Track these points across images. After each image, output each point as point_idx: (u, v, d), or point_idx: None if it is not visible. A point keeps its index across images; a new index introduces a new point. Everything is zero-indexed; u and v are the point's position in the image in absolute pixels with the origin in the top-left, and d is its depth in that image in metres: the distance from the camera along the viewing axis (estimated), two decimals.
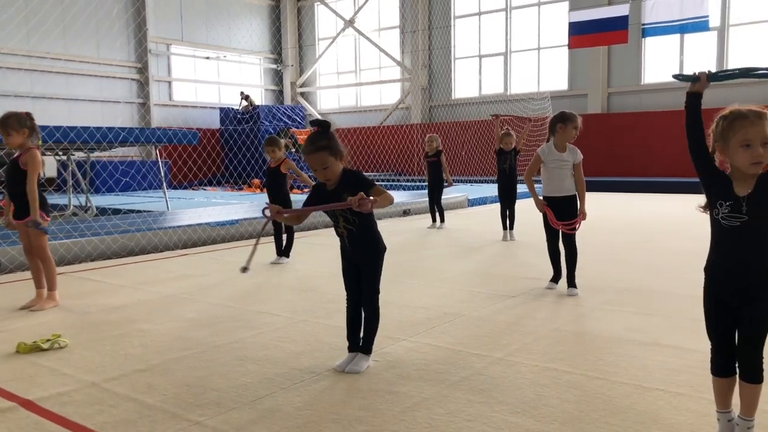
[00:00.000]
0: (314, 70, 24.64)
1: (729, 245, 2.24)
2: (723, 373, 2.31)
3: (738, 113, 2.21)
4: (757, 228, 2.18)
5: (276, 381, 3.14)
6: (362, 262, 3.28)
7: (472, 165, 18.33)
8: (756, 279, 2.20)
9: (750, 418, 2.28)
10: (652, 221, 9.53)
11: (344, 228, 3.22)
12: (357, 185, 3.09)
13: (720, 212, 2.23)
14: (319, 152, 3.09)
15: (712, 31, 16.16)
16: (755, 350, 2.23)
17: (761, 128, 2.16)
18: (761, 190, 2.18)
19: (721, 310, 2.28)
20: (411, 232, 8.90)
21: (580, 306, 4.55)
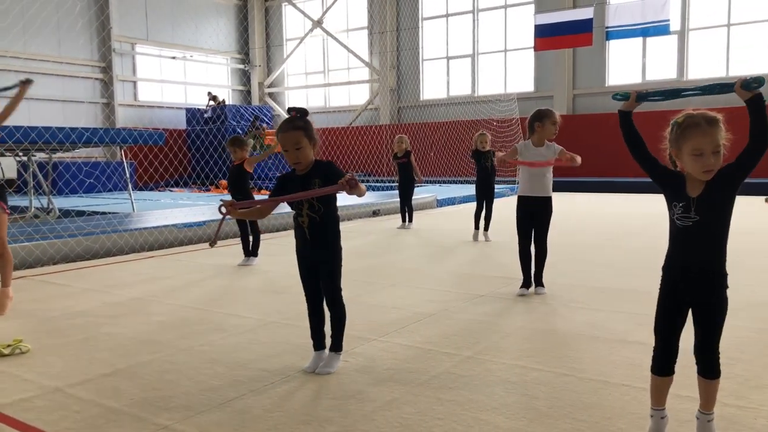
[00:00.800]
0: (282, 70, 24.50)
1: (683, 244, 2.27)
2: (664, 373, 2.36)
3: (690, 121, 2.22)
4: (708, 228, 2.22)
5: (245, 383, 3.11)
6: (321, 259, 3.20)
7: (441, 166, 18.44)
8: (710, 277, 2.25)
9: (710, 412, 2.34)
10: (617, 220, 9.71)
11: (307, 216, 3.14)
12: (329, 174, 3.09)
13: (674, 212, 2.27)
14: (295, 131, 3.09)
15: (672, 35, 16.55)
16: (712, 347, 2.28)
17: (712, 137, 2.18)
18: (712, 191, 2.21)
19: (675, 309, 2.31)
20: (381, 233, 8.90)
21: (547, 304, 4.61)
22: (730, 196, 2.24)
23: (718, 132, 2.19)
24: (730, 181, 2.21)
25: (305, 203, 3.14)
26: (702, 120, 2.20)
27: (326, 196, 3.14)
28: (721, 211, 2.23)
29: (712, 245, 2.24)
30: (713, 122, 2.20)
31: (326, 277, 3.24)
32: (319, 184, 3.10)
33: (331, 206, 3.20)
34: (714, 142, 2.18)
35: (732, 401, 2.76)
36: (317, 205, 3.14)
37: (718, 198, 2.22)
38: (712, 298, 2.25)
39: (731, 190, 2.23)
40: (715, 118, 2.21)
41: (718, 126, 2.20)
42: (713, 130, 2.19)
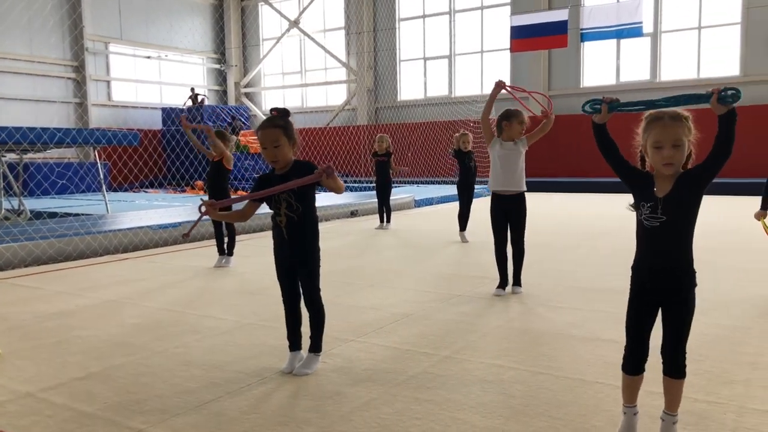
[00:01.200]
0: (259, 70, 24.35)
1: (650, 245, 2.29)
2: (635, 372, 2.37)
3: (655, 115, 2.28)
4: (676, 228, 2.24)
5: (222, 385, 3.09)
6: (300, 259, 3.18)
7: (419, 166, 18.48)
8: (678, 276, 2.27)
9: (674, 413, 2.35)
10: (593, 220, 9.83)
11: (285, 215, 3.12)
12: (309, 173, 3.07)
13: (642, 213, 2.30)
14: (274, 128, 3.09)
15: (646, 37, 16.80)
16: (679, 347, 2.29)
17: (674, 130, 2.22)
18: (678, 190, 2.24)
19: (644, 309, 2.33)
20: (359, 233, 8.90)
21: (524, 304, 4.65)
22: (697, 197, 2.26)
23: (680, 127, 2.24)
24: (696, 181, 2.25)
25: (283, 202, 3.13)
26: (666, 115, 2.26)
27: (305, 196, 3.13)
28: (688, 211, 2.26)
29: (678, 245, 2.26)
30: (676, 118, 2.25)
31: (305, 277, 3.23)
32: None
33: (310, 206, 3.18)
34: (674, 135, 2.22)
35: (702, 397, 2.82)
36: (295, 205, 3.12)
37: (685, 197, 2.24)
38: (680, 298, 2.27)
39: (697, 191, 2.26)
40: (679, 114, 2.27)
41: (681, 122, 2.25)
42: (675, 124, 2.23)
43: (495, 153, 4.86)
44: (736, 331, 3.83)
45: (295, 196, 3.10)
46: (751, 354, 3.40)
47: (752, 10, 15.86)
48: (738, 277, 5.40)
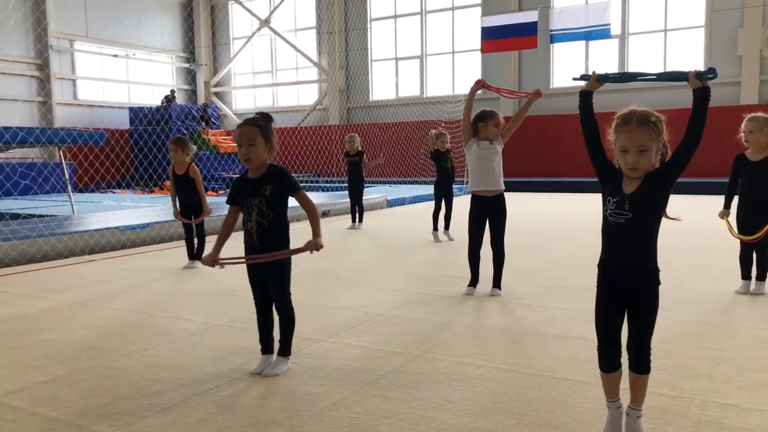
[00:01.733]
0: (229, 69, 24.12)
1: (615, 242, 2.31)
2: (609, 369, 2.38)
3: (624, 118, 2.26)
4: (641, 225, 2.25)
5: (190, 387, 3.05)
6: (270, 266, 3.16)
7: (391, 166, 18.50)
8: (643, 273, 2.28)
9: (639, 408, 2.38)
10: (564, 220, 9.96)
11: (256, 222, 3.12)
12: (283, 182, 3.10)
13: (608, 208, 2.31)
14: (252, 127, 3.11)
15: (614, 39, 17.07)
16: (643, 343, 2.32)
17: (640, 135, 2.20)
18: (647, 187, 2.24)
19: (611, 306, 2.34)
20: (331, 233, 8.87)
21: (494, 302, 4.69)
22: (664, 194, 2.28)
23: (647, 132, 2.22)
24: (665, 178, 2.26)
25: (255, 209, 3.12)
26: (634, 119, 2.23)
27: (277, 202, 3.11)
28: (654, 208, 2.27)
29: (643, 242, 2.28)
30: (644, 122, 2.22)
31: (275, 283, 3.21)
32: (270, 190, 3.08)
33: (281, 213, 3.17)
34: (639, 141, 2.21)
35: (666, 392, 2.87)
36: (267, 211, 3.11)
37: (654, 194, 2.25)
38: (644, 295, 2.29)
39: (665, 188, 2.27)
40: (648, 118, 2.23)
41: (649, 127, 2.22)
42: (642, 130, 2.21)
43: (472, 154, 4.84)
44: (699, 327, 3.92)
45: (266, 203, 3.09)
46: (714, 349, 3.47)
47: (715, 14, 16.23)
48: (702, 274, 5.52)
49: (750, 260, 4.78)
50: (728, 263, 5.52)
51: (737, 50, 16.01)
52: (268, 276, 3.20)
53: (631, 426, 2.38)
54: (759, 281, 4.75)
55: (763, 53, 15.73)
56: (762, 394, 2.83)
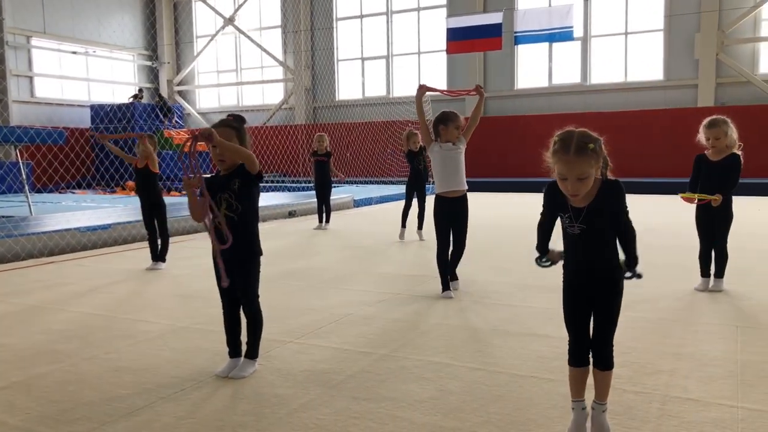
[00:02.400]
0: (192, 68, 23.77)
1: (574, 249, 2.41)
2: (578, 363, 2.46)
3: (562, 145, 2.26)
4: (595, 234, 2.34)
5: (154, 391, 3.00)
6: (239, 262, 3.11)
7: (358, 166, 18.49)
8: (601, 277, 2.39)
9: (603, 402, 2.47)
10: (528, 219, 10.07)
11: (225, 215, 3.07)
12: (248, 174, 3.08)
13: (564, 222, 2.41)
14: (228, 128, 3.12)
15: (576, 41, 17.36)
16: (606, 341, 2.42)
17: (578, 165, 2.22)
18: (597, 202, 2.31)
19: (576, 306, 2.44)
20: (298, 234, 8.82)
21: (461, 300, 4.72)
22: (611, 210, 2.34)
23: (585, 161, 2.22)
24: (608, 204, 2.32)
25: (223, 202, 3.08)
26: (572, 148, 2.23)
27: (246, 196, 3.07)
28: (606, 219, 2.35)
29: (600, 249, 2.37)
30: (582, 151, 2.22)
31: (242, 285, 3.17)
32: (239, 183, 3.07)
33: (250, 207, 3.13)
34: (577, 171, 2.23)
35: (629, 387, 2.93)
36: (235, 204, 3.07)
37: (601, 204, 2.32)
38: (606, 297, 2.39)
39: (609, 209, 2.34)
40: (585, 146, 2.22)
41: (587, 154, 2.22)
42: (580, 159, 2.22)
43: (435, 156, 4.86)
44: (661, 324, 4.01)
45: (235, 196, 3.07)
46: (675, 345, 3.55)
47: (673, 18, 16.64)
48: (663, 272, 5.65)
49: (709, 258, 4.91)
50: (687, 261, 5.65)
51: (695, 54, 16.44)
52: (236, 278, 3.16)
53: (597, 420, 2.46)
54: (717, 278, 4.88)
55: (719, 57, 16.18)
56: (720, 388, 2.91)
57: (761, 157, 14.17)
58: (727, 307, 4.42)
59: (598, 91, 17.78)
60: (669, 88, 16.90)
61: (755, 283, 5.11)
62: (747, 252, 6.47)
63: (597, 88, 17.82)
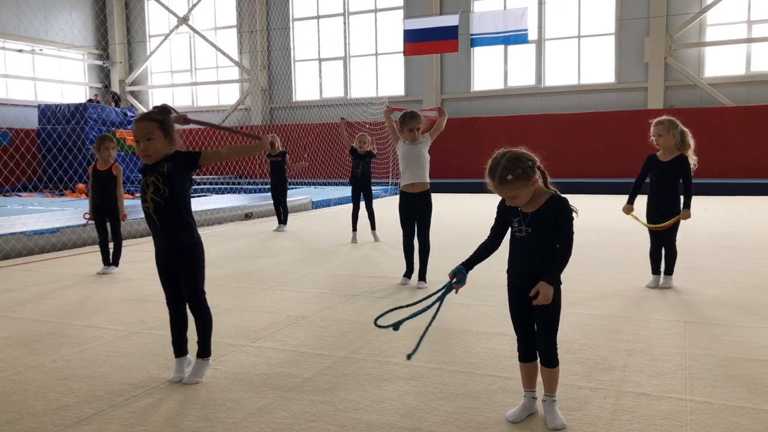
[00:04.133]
0: (145, 67, 23.27)
1: (520, 252, 2.56)
2: (526, 360, 2.63)
3: (488, 172, 2.47)
4: (538, 239, 2.50)
5: (105, 398, 2.90)
6: (176, 251, 3.03)
7: (315, 167, 18.38)
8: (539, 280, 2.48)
9: (553, 395, 2.58)
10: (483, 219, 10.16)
11: (152, 200, 2.97)
12: (181, 157, 3.01)
13: (513, 226, 2.56)
14: (149, 121, 2.98)
15: (531, 44, 17.65)
16: (548, 340, 2.55)
17: (503, 192, 2.45)
18: (543, 210, 2.48)
19: (520, 306, 2.58)
20: (255, 236, 8.70)
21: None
22: (555, 222, 2.49)
23: (509, 188, 2.43)
24: (552, 216, 2.48)
25: (151, 186, 2.97)
26: (495, 179, 2.45)
27: (174, 180, 2.97)
28: (548, 226, 2.50)
29: (543, 252, 2.51)
30: (502, 182, 2.43)
31: (187, 282, 3.08)
32: (168, 167, 2.97)
33: (179, 191, 3.01)
34: (504, 195, 2.47)
35: (584, 383, 2.98)
36: (162, 188, 2.96)
37: (545, 215, 2.49)
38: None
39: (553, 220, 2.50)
40: (505, 179, 2.41)
41: (506, 184, 2.42)
42: (503, 188, 2.45)
43: (400, 151, 5.15)
44: (613, 321, 4.09)
45: (162, 179, 2.96)
46: (627, 341, 3.63)
47: (624, 23, 17.09)
48: (614, 270, 5.78)
49: (659, 256, 5.04)
50: (638, 259, 5.80)
51: (644, 57, 16.91)
52: (180, 275, 3.08)
53: (549, 410, 2.57)
54: (667, 276, 5.02)
55: (667, 61, 16.68)
56: (670, 382, 2.98)
57: (708, 159, 14.66)
58: (676, 303, 4.54)
59: (553, 93, 18.12)
60: (620, 90, 17.34)
61: (703, 280, 5.27)
62: (695, 249, 6.68)
63: (551, 90, 18.15)
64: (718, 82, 16.49)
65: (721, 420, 2.57)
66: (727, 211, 10.85)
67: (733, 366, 3.19)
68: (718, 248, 6.94)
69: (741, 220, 9.67)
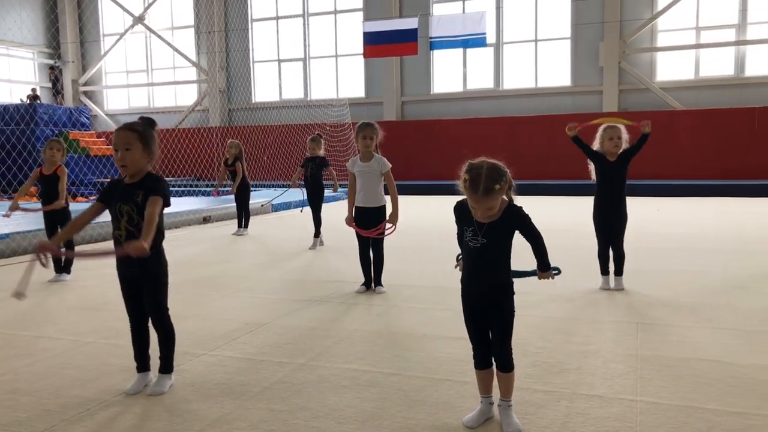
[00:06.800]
0: (99, 67, 22.73)
1: (474, 261, 2.59)
2: (482, 366, 2.67)
3: (471, 184, 2.44)
4: (493, 249, 2.54)
5: (57, 412, 2.83)
6: (143, 278, 3.00)
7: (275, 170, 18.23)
8: (496, 287, 2.57)
9: (508, 399, 2.64)
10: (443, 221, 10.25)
11: (125, 230, 2.93)
12: (153, 188, 2.93)
13: (466, 235, 2.58)
14: (129, 131, 2.96)
15: (489, 47, 17.88)
16: (504, 346, 2.60)
17: (486, 203, 2.44)
18: (502, 219, 2.51)
19: (474, 314, 2.63)
20: (213, 240, 8.60)
21: (379, 306, 4.75)
22: (512, 229, 2.56)
23: (493, 198, 2.44)
24: (509, 225, 2.53)
25: (125, 215, 2.94)
26: (480, 191, 2.42)
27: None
28: (505, 235, 2.55)
29: (497, 262, 2.57)
30: (488, 193, 2.42)
31: (149, 297, 3.04)
32: (141, 197, 2.92)
33: None
34: (486, 206, 2.45)
35: (539, 387, 3.04)
36: (137, 219, 2.92)
37: (504, 224, 2.53)
38: (500, 305, 2.58)
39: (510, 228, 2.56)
40: (492, 188, 2.41)
41: (494, 193, 2.42)
42: (488, 198, 2.43)
43: (356, 171, 5.10)
44: (567, 323, 4.19)
45: (137, 209, 2.92)
46: (581, 344, 3.72)
47: (579, 27, 17.46)
48: (568, 271, 5.87)
49: (607, 257, 5.18)
50: (589, 260, 5.93)
51: (599, 61, 17.30)
52: (142, 289, 3.04)
53: (505, 415, 2.62)
54: (617, 277, 5.16)
55: (621, 65, 17.11)
56: (622, 384, 3.07)
57: (659, 160, 15.11)
58: (628, 305, 4.67)
59: (511, 96, 18.39)
60: (576, 93, 17.71)
61: (654, 281, 5.43)
62: (646, 251, 6.88)
63: (509, 93, 18.42)
64: (669, 86, 16.99)
65: (668, 420, 2.66)
66: (678, 212, 11.20)
67: (680, 366, 3.31)
68: (669, 249, 7.16)
69: (691, 221, 9.99)
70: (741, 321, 4.17)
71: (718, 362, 3.35)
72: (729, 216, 10.62)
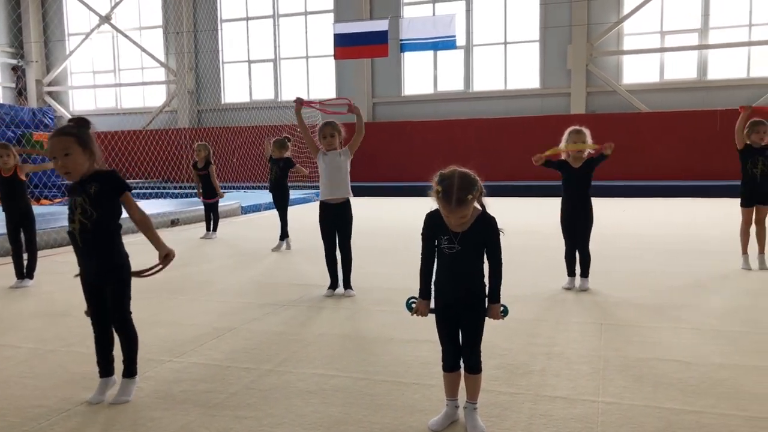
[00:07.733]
0: (65, 67, 22.30)
1: (449, 267, 2.62)
2: (450, 369, 2.70)
3: (443, 195, 2.45)
4: (468, 255, 2.58)
5: (16, 425, 2.77)
6: (101, 275, 2.95)
7: (245, 171, 18.10)
8: (469, 292, 2.62)
9: (475, 402, 2.68)
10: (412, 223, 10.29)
11: (79, 222, 2.87)
12: (109, 181, 2.89)
13: (441, 243, 2.62)
14: (64, 136, 2.85)
15: (459, 50, 18.01)
16: (474, 348, 2.64)
17: (459, 212, 2.46)
18: (474, 229, 2.55)
19: (445, 321, 2.66)
20: (181, 243, 8.49)
21: (347, 309, 4.75)
22: (484, 239, 2.60)
23: (466, 208, 2.46)
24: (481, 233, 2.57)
25: (78, 207, 2.88)
26: (453, 202, 2.43)
27: (102, 202, 2.87)
28: (478, 243, 2.58)
29: (469, 269, 2.61)
30: (461, 203, 2.43)
31: (113, 300, 2.99)
32: (95, 188, 2.86)
33: (108, 214, 2.91)
34: (459, 215, 2.47)
35: (504, 389, 3.08)
36: (90, 211, 2.86)
37: (476, 231, 2.57)
38: (473, 310, 2.63)
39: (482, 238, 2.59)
40: (465, 199, 2.42)
41: (466, 204, 2.44)
42: (461, 209, 2.45)
43: (320, 164, 5.08)
44: (532, 324, 4.24)
45: (90, 201, 2.86)
46: (545, 345, 3.77)
47: (548, 30, 17.69)
48: (533, 272, 5.98)
49: (573, 258, 5.27)
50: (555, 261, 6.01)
51: (567, 64, 17.55)
52: (105, 292, 2.99)
53: (470, 418, 2.66)
54: (583, 278, 5.24)
55: (589, 68, 17.38)
56: (585, 385, 3.12)
57: (625, 161, 15.38)
58: (592, 305, 4.75)
59: (481, 98, 18.55)
60: (545, 96, 17.94)
61: (618, 282, 5.53)
62: (611, 252, 7.00)
63: (479, 95, 18.58)
64: (635, 89, 17.32)
65: (629, 420, 2.72)
66: (644, 213, 11.41)
67: (642, 366, 3.38)
68: (633, 250, 7.29)
69: (657, 222, 10.19)
70: (702, 321, 4.28)
71: (678, 362, 3.43)
72: (693, 217, 10.87)
